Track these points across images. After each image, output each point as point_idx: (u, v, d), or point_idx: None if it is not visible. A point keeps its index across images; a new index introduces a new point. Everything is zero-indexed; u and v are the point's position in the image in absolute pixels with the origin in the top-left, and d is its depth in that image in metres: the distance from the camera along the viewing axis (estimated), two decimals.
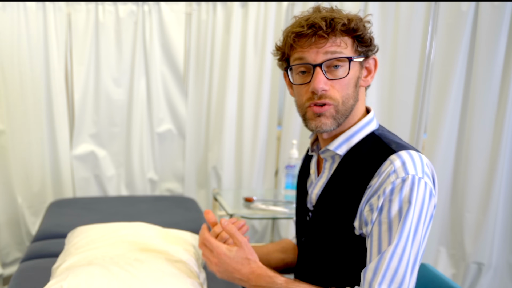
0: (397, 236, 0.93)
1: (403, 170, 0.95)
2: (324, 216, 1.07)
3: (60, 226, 2.01)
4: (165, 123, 2.71)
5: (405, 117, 2.54)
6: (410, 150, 0.99)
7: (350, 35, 1.01)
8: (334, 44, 0.99)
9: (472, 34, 2.37)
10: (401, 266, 0.93)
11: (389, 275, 0.93)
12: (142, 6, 2.53)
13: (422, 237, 0.95)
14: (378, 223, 0.95)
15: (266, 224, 2.82)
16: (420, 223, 0.94)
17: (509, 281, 2.50)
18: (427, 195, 0.96)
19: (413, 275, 0.94)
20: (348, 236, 1.02)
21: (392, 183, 0.95)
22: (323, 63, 0.99)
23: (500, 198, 2.42)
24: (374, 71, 1.08)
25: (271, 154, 2.75)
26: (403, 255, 0.93)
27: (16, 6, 2.39)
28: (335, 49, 0.99)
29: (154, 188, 2.77)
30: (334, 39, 0.99)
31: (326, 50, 0.99)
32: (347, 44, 1.00)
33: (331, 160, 1.09)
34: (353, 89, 1.03)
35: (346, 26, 1.00)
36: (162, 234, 1.52)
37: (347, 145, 1.06)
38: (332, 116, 1.01)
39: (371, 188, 0.98)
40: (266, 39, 2.58)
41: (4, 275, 2.58)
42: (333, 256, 1.06)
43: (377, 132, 1.07)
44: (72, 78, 2.56)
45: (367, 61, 1.06)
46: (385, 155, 0.99)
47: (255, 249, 1.19)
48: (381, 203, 0.95)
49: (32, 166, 2.56)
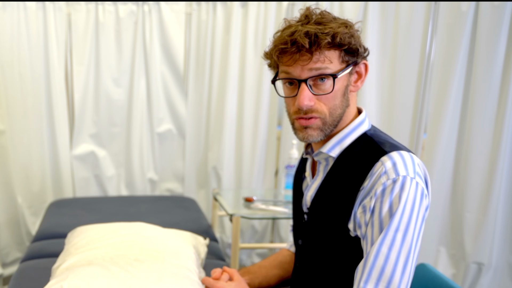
0: (382, 235, 0.93)
1: (394, 171, 0.95)
2: (318, 218, 1.08)
3: (60, 226, 2.01)
4: (165, 123, 2.71)
5: (405, 117, 2.54)
6: (402, 150, 0.99)
7: (336, 49, 0.99)
8: (318, 61, 0.98)
9: (472, 34, 2.37)
10: (388, 265, 0.92)
11: (375, 274, 0.92)
12: (142, 6, 2.53)
13: (415, 237, 0.94)
14: (371, 225, 0.96)
15: (266, 224, 2.82)
16: (411, 223, 0.94)
17: (509, 281, 2.50)
18: (419, 195, 0.95)
19: (405, 275, 0.93)
20: (343, 237, 1.02)
21: (383, 184, 0.95)
22: (308, 79, 0.99)
23: (500, 198, 2.42)
24: (364, 75, 1.06)
25: (271, 154, 2.75)
26: (390, 253, 0.92)
27: (16, 6, 2.39)
28: (320, 66, 0.98)
29: (154, 188, 2.77)
30: (319, 55, 0.97)
31: (310, 67, 0.98)
32: (331, 60, 0.98)
33: (325, 162, 1.09)
34: (340, 99, 1.02)
35: (331, 43, 0.97)
36: (162, 234, 1.52)
37: (340, 147, 1.06)
38: (319, 128, 1.02)
39: (363, 190, 0.98)
40: (266, 39, 2.58)
41: (4, 275, 2.58)
42: (329, 258, 1.06)
43: (369, 132, 1.07)
44: (72, 78, 2.56)
45: (357, 66, 1.04)
46: (377, 156, 0.99)
47: (255, 272, 1.25)
48: (373, 204, 0.96)
49: (32, 166, 2.56)
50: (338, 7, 2.52)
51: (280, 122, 2.79)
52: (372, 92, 2.54)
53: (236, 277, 1.16)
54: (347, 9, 2.50)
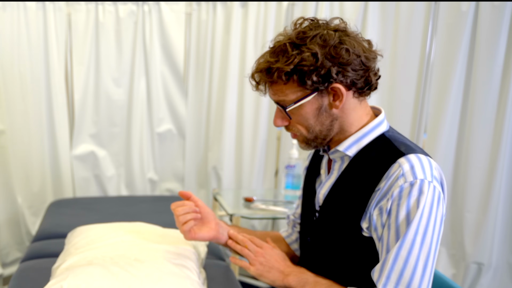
0: (401, 239, 0.93)
1: (412, 174, 0.95)
2: (330, 216, 1.08)
3: (60, 226, 2.01)
4: (165, 123, 2.71)
5: (405, 117, 2.54)
6: (419, 153, 0.99)
7: (286, 83, 1.00)
8: (276, 93, 1.03)
9: (472, 34, 2.37)
10: (407, 268, 0.93)
11: (394, 277, 0.93)
12: (142, 6, 2.53)
13: (434, 241, 0.95)
14: (388, 227, 0.96)
15: (266, 224, 2.82)
16: (430, 226, 0.94)
17: (509, 281, 2.50)
18: (436, 199, 0.95)
19: (424, 279, 0.93)
20: (354, 236, 1.02)
21: (400, 186, 0.95)
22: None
23: (500, 198, 2.42)
24: (342, 97, 1.01)
25: (271, 154, 2.75)
26: (409, 257, 0.93)
27: (16, 6, 2.39)
28: (277, 98, 1.03)
29: (154, 188, 2.77)
30: (276, 86, 1.02)
31: (271, 96, 1.04)
32: (286, 92, 1.01)
33: (340, 161, 1.09)
34: (314, 120, 1.03)
35: (285, 76, 0.98)
36: (162, 234, 1.52)
37: (357, 146, 1.05)
38: (304, 142, 1.08)
39: (380, 191, 0.98)
40: (266, 39, 2.58)
41: (4, 275, 2.58)
42: (339, 256, 1.07)
43: (387, 134, 1.07)
44: (72, 78, 2.56)
45: (329, 87, 1.00)
46: (394, 158, 0.98)
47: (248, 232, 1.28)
48: (390, 206, 0.96)
49: (32, 166, 2.56)
50: (338, 7, 2.52)
51: None
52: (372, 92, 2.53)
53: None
54: (347, 9, 2.50)
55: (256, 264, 1.11)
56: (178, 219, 1.16)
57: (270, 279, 1.10)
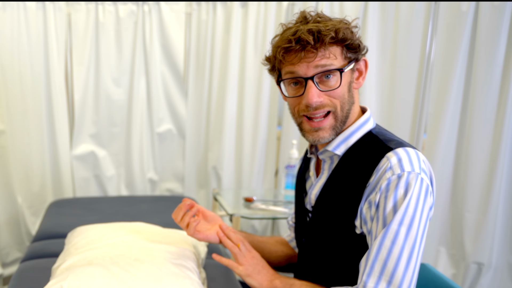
0: (385, 228, 0.93)
1: (399, 167, 0.95)
2: (323, 216, 1.08)
3: (60, 226, 2.01)
4: (165, 123, 2.71)
5: (405, 117, 2.54)
6: (407, 147, 0.99)
7: (338, 45, 1.01)
8: (323, 57, 0.99)
9: (472, 34, 2.37)
10: (390, 258, 0.92)
11: (378, 267, 0.92)
12: (142, 6, 2.53)
13: (420, 233, 0.94)
14: (376, 220, 0.96)
15: (266, 224, 2.82)
16: (416, 218, 0.93)
17: (509, 281, 2.50)
18: (423, 191, 0.95)
19: (408, 270, 0.92)
20: (348, 235, 1.02)
21: (387, 179, 0.95)
22: (314, 76, 1.00)
23: (500, 198, 2.42)
24: (365, 72, 1.08)
25: (271, 154, 2.75)
26: (393, 247, 0.92)
27: (16, 6, 2.39)
28: (325, 62, 0.99)
29: (154, 188, 2.77)
30: (323, 52, 0.99)
31: (316, 64, 0.99)
32: (336, 55, 1.00)
33: (330, 160, 1.09)
34: (347, 94, 1.04)
35: (334, 38, 0.99)
36: (162, 234, 1.52)
37: (345, 145, 1.06)
38: (331, 126, 1.04)
39: (369, 186, 0.98)
40: (266, 39, 2.58)
41: (4, 275, 2.57)
42: (334, 256, 1.07)
43: (374, 130, 1.08)
44: (72, 78, 2.56)
45: (357, 63, 1.06)
46: (383, 153, 0.99)
47: (256, 241, 1.28)
48: (378, 199, 0.96)
49: (32, 166, 2.56)
50: (338, 7, 2.52)
51: (280, 122, 2.78)
52: (372, 92, 2.54)
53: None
54: (347, 9, 2.50)
55: (245, 264, 1.12)
56: (180, 225, 1.20)
57: (258, 281, 1.10)
